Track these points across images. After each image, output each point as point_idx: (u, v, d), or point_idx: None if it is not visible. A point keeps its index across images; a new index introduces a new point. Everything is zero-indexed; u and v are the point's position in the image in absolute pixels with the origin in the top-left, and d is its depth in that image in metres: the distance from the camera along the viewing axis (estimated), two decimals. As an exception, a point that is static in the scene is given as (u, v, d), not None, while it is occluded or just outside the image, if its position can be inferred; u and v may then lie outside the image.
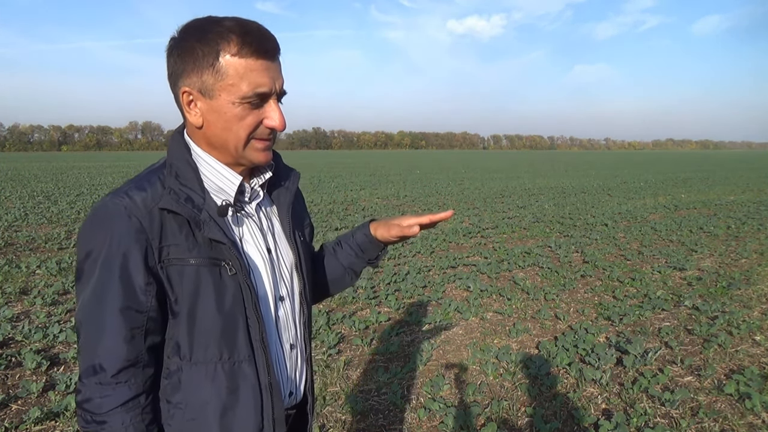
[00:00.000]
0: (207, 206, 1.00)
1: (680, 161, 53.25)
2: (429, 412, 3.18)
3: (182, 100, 0.99)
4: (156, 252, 0.96)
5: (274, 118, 0.99)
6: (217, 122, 0.98)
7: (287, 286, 1.14)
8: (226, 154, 1.03)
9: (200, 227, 0.97)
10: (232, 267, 1.00)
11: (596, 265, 6.66)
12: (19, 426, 2.99)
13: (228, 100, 0.96)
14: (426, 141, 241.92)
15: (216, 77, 0.95)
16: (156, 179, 1.00)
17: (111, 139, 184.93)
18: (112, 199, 0.95)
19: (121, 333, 0.94)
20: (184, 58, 0.96)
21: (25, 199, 14.05)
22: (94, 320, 0.95)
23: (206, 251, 0.99)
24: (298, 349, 1.17)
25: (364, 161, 51.00)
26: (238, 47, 0.94)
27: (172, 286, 0.98)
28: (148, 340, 0.97)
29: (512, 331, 4.45)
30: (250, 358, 1.04)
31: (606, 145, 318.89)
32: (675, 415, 3.14)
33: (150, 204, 0.96)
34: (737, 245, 7.91)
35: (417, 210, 12.23)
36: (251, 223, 1.09)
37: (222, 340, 1.02)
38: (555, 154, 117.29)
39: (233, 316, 1.02)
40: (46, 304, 5.09)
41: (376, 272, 6.35)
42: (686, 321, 4.72)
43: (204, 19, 0.98)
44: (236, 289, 1.01)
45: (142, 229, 0.94)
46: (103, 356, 0.94)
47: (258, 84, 0.95)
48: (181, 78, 0.97)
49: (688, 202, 13.80)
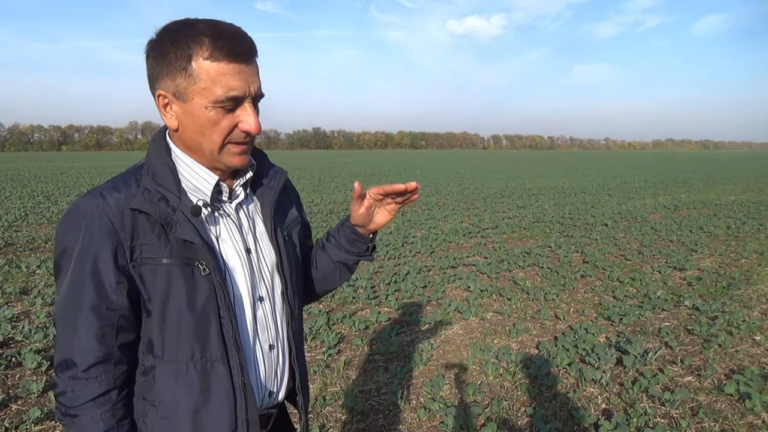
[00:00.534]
0: (182, 206, 1.01)
1: (680, 161, 53.26)
2: (429, 412, 3.18)
3: (158, 102, 1.00)
4: (127, 251, 0.97)
5: (249, 122, 0.99)
6: (191, 126, 0.99)
7: (267, 286, 1.14)
8: (201, 157, 1.04)
9: (172, 227, 0.98)
10: (206, 267, 1.00)
11: (596, 265, 6.66)
12: (19, 426, 2.99)
13: (201, 104, 0.96)
14: (426, 141, 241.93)
15: (189, 81, 0.95)
16: (132, 180, 1.02)
17: (111, 139, 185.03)
18: (86, 199, 0.97)
19: (92, 330, 0.96)
20: (158, 61, 0.97)
21: (25, 199, 14.05)
22: (67, 317, 0.97)
23: (179, 251, 0.99)
24: (278, 350, 1.16)
25: (364, 161, 51.01)
26: (210, 50, 0.93)
27: (145, 285, 0.99)
28: (119, 337, 0.99)
29: (512, 331, 4.45)
30: (223, 358, 1.04)
31: (606, 145, 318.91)
32: (675, 415, 3.14)
33: (122, 204, 0.97)
34: (737, 245, 7.92)
35: (417, 210, 12.23)
36: (229, 222, 1.09)
37: (194, 339, 1.02)
38: (555, 154, 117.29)
39: (205, 315, 1.02)
40: (46, 304, 5.09)
41: (376, 272, 6.35)
42: (686, 321, 4.72)
43: (179, 22, 0.98)
44: (209, 289, 1.01)
45: (114, 229, 0.96)
46: (75, 352, 0.97)
47: (231, 87, 0.95)
48: (156, 81, 0.98)
49: (688, 202, 13.80)
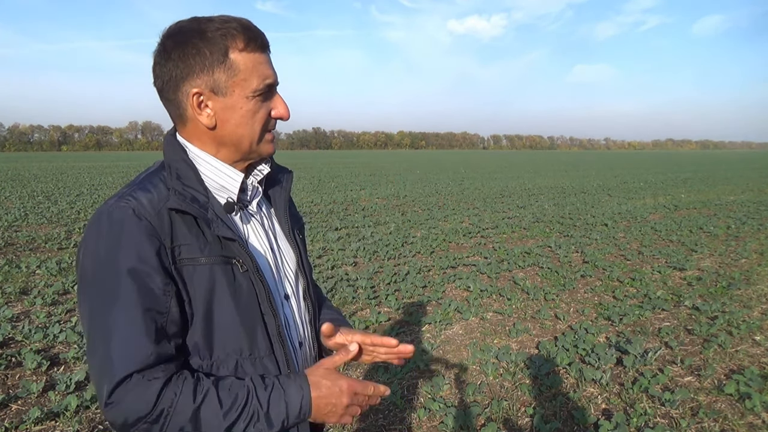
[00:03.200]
0: (211, 205, 0.99)
1: (680, 161, 53.26)
2: (429, 412, 3.18)
3: (191, 102, 0.97)
4: (169, 252, 0.94)
5: (281, 108, 1.03)
6: (231, 119, 0.99)
7: (291, 284, 1.14)
8: (237, 151, 1.02)
9: (209, 225, 0.97)
10: (243, 264, 1.00)
11: (596, 265, 6.66)
12: (19, 426, 2.99)
13: (242, 95, 0.97)
14: (426, 141, 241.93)
15: (228, 74, 0.96)
16: (158, 180, 0.99)
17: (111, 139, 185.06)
18: (118, 203, 0.93)
19: (149, 335, 0.88)
20: (187, 60, 0.95)
21: (25, 199, 14.04)
22: (111, 329, 0.87)
23: (217, 249, 0.98)
24: (306, 347, 1.17)
25: (364, 161, 51.00)
26: (245, 42, 0.96)
27: (186, 287, 0.95)
28: (174, 340, 0.93)
29: (512, 331, 4.45)
30: (270, 353, 1.04)
31: (606, 145, 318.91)
32: (675, 415, 3.14)
33: (158, 205, 0.94)
34: (737, 245, 7.91)
35: (417, 210, 12.23)
36: (254, 221, 1.09)
37: (242, 337, 1.01)
38: (555, 154, 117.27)
39: (250, 312, 1.01)
40: (46, 304, 5.09)
41: (376, 272, 6.35)
42: (686, 321, 4.72)
43: (193, 20, 0.97)
44: (249, 286, 1.01)
45: (154, 230, 0.92)
46: (132, 363, 0.86)
47: (266, 75, 0.99)
48: (185, 81, 0.96)
49: (688, 202, 13.80)
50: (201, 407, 0.88)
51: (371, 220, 10.53)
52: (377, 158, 63.63)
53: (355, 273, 6.33)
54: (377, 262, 6.97)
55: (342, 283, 5.83)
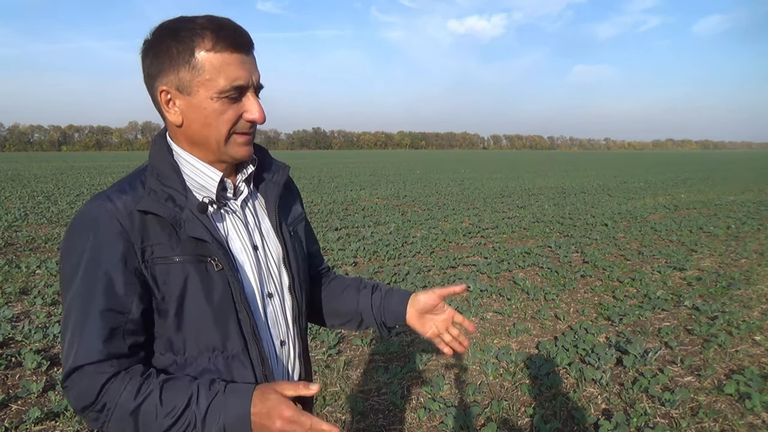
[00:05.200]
0: (189, 204, 1.01)
1: (680, 161, 53.26)
2: (429, 412, 3.18)
3: (160, 99, 1.00)
4: (138, 252, 0.96)
5: (254, 111, 1.01)
6: (196, 119, 0.99)
7: (275, 282, 1.14)
8: (207, 151, 1.04)
9: (181, 226, 0.98)
10: (219, 263, 1.01)
11: (596, 265, 6.66)
12: (19, 426, 2.99)
13: (206, 95, 0.97)
14: (426, 141, 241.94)
15: (193, 73, 0.96)
16: (137, 182, 1.02)
17: (111, 139, 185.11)
18: (94, 204, 0.97)
19: (101, 334, 0.93)
20: (159, 57, 0.97)
21: (25, 199, 14.05)
22: (76, 322, 0.94)
23: (191, 248, 1.00)
24: (288, 345, 1.17)
25: (364, 161, 51.00)
26: (213, 42, 0.95)
27: (158, 285, 0.98)
28: (128, 339, 0.97)
29: (512, 331, 4.45)
30: (244, 352, 1.05)
31: (606, 145, 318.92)
32: (675, 415, 3.14)
33: (130, 206, 0.97)
34: (737, 245, 7.92)
35: (417, 210, 12.23)
36: (235, 219, 1.10)
37: (214, 333, 1.02)
38: (555, 154, 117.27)
39: (223, 309, 1.02)
40: (46, 304, 5.09)
41: (376, 272, 6.35)
42: (686, 321, 4.72)
43: (176, 18, 0.99)
44: (224, 285, 1.02)
45: (123, 231, 0.95)
46: (84, 356, 0.92)
47: (235, 77, 0.97)
48: (157, 78, 0.99)
49: (688, 202, 13.80)
50: (141, 405, 0.91)
51: (371, 220, 10.53)
52: (377, 158, 63.62)
53: (355, 273, 6.33)
54: (377, 262, 6.97)
55: (342, 283, 5.83)
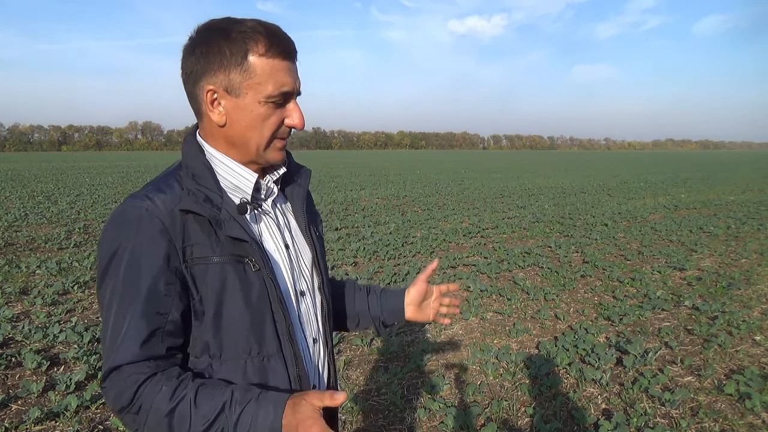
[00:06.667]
0: (225, 205, 1.02)
1: (680, 161, 53.26)
2: (429, 412, 3.18)
3: (205, 98, 1.00)
4: (180, 252, 0.97)
5: (295, 118, 1.03)
6: (241, 120, 1.00)
7: (307, 280, 1.16)
8: (245, 153, 1.04)
9: (221, 226, 0.99)
10: (256, 263, 1.01)
11: (596, 265, 6.66)
12: (19, 426, 2.99)
13: (255, 98, 0.98)
14: (426, 141, 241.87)
15: (244, 76, 0.97)
16: (174, 181, 1.02)
17: (111, 139, 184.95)
18: (133, 202, 0.97)
19: (141, 334, 0.93)
20: (208, 57, 0.97)
21: (25, 199, 14.05)
22: (115, 323, 0.94)
23: (229, 249, 1.00)
24: (320, 343, 1.18)
25: (364, 161, 51.01)
26: (266, 48, 0.97)
27: (197, 286, 0.98)
28: (167, 341, 0.96)
29: (512, 331, 4.45)
30: (278, 352, 1.05)
31: (606, 145, 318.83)
32: (675, 415, 3.14)
33: (170, 205, 0.97)
34: (737, 245, 7.92)
35: (417, 210, 12.23)
36: (269, 220, 1.11)
37: (251, 335, 1.02)
38: (555, 154, 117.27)
39: (260, 311, 1.03)
40: (46, 304, 5.09)
41: (376, 272, 6.35)
42: (686, 321, 4.73)
43: (225, 19, 1.00)
44: (261, 285, 1.02)
45: (165, 230, 0.95)
46: (122, 357, 0.92)
47: (283, 83, 0.99)
48: (204, 77, 0.99)
49: (688, 202, 13.80)
50: (176, 408, 0.91)
51: (371, 220, 10.53)
52: (377, 158, 63.63)
53: (355, 273, 6.33)
54: (377, 262, 6.97)
55: (342, 283, 5.83)
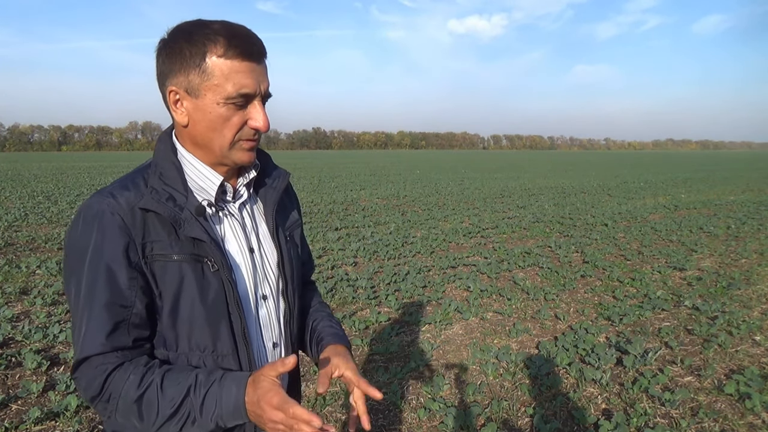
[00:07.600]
0: (189, 205, 1.03)
1: (680, 161, 53.26)
2: (429, 412, 3.18)
3: (169, 99, 1.02)
4: (139, 248, 0.99)
5: (258, 119, 1.02)
6: (202, 121, 1.01)
7: (271, 285, 1.16)
8: (210, 153, 1.05)
9: (180, 225, 1.01)
10: (215, 264, 1.03)
11: (596, 265, 6.66)
12: (19, 426, 2.99)
13: (213, 99, 0.99)
14: (426, 141, 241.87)
15: (202, 77, 0.98)
16: (140, 179, 1.04)
17: (111, 139, 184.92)
18: (97, 199, 1.00)
19: (106, 327, 0.96)
20: (171, 58, 0.99)
21: (25, 199, 14.04)
22: (81, 315, 0.97)
23: (189, 248, 1.02)
24: (281, 348, 1.19)
25: (364, 161, 50.99)
26: (225, 49, 0.97)
27: (156, 281, 1.01)
28: (132, 333, 0.99)
29: (512, 331, 4.45)
30: (233, 353, 1.07)
31: (606, 145, 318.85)
32: (675, 415, 3.14)
33: (132, 202, 1.00)
34: (737, 245, 7.92)
35: (417, 210, 12.23)
36: (233, 222, 1.12)
37: (206, 332, 1.04)
38: (555, 154, 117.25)
39: (216, 310, 1.04)
40: (46, 304, 5.09)
41: (376, 272, 6.35)
42: (686, 321, 4.72)
43: (193, 21, 1.01)
44: (219, 285, 1.04)
45: (125, 226, 0.98)
46: (89, 349, 0.96)
47: (242, 85, 0.98)
48: (168, 78, 1.01)
49: (688, 202, 13.80)
50: (144, 394, 0.94)
51: (371, 220, 10.53)
52: (377, 158, 63.61)
53: (355, 273, 6.33)
54: (377, 262, 6.97)
55: (342, 283, 5.83)
